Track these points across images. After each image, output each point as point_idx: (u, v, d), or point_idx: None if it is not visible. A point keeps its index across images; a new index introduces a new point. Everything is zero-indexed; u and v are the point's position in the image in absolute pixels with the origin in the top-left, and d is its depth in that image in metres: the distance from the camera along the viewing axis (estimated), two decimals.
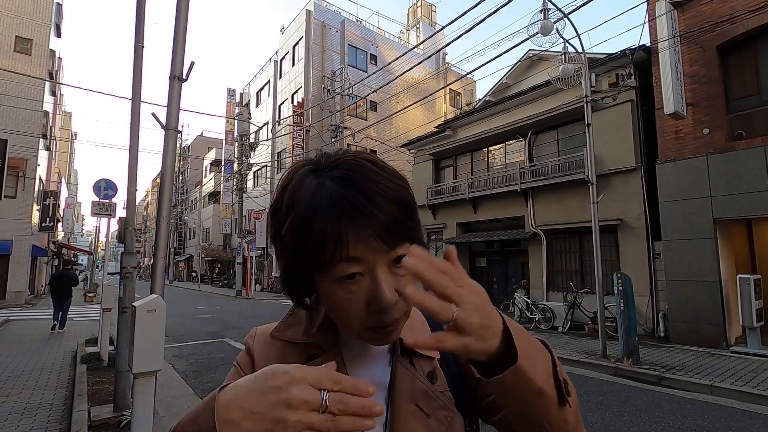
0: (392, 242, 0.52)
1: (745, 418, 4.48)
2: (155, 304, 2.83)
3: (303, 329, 0.63)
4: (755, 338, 7.10)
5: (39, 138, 18.08)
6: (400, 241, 0.53)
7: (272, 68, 27.96)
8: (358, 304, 0.52)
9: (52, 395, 5.14)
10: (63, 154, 33.16)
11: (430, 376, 0.62)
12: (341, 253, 0.50)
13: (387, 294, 0.51)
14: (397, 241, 0.53)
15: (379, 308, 0.51)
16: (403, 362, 0.61)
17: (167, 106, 3.59)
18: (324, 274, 0.53)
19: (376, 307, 0.51)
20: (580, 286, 10.33)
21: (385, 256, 0.52)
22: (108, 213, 7.78)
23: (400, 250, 0.53)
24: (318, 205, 0.51)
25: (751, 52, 8.11)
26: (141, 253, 56.87)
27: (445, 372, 0.64)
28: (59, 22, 21.23)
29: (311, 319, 0.64)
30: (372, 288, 0.52)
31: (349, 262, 0.51)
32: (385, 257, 0.52)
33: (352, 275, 0.52)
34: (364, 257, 0.51)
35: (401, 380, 0.59)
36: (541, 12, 7.66)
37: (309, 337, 0.62)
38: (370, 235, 0.51)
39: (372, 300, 0.51)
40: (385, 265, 0.53)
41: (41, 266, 23.74)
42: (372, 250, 0.51)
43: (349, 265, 0.51)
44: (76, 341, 8.33)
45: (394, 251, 0.53)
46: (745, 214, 7.87)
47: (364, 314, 0.52)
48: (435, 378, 0.62)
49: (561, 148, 11.65)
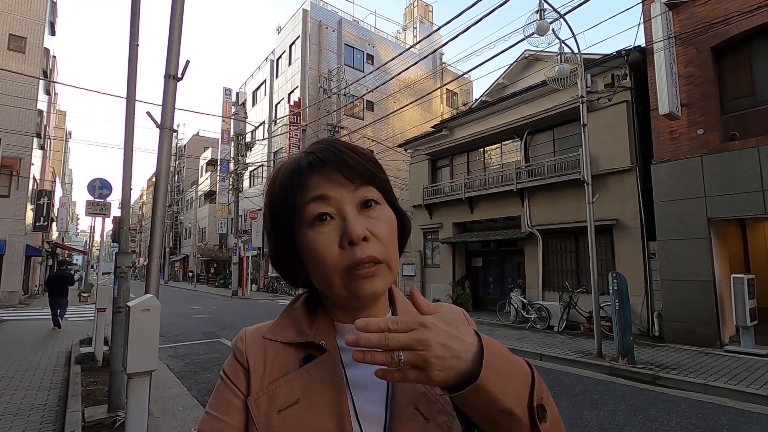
0: (355, 179, 0.56)
1: (738, 417, 4.51)
2: (150, 303, 2.82)
3: (298, 330, 0.62)
4: (749, 337, 7.15)
5: (33, 137, 17.92)
6: (365, 181, 0.57)
7: (268, 67, 27.89)
8: (331, 242, 0.54)
9: (46, 396, 5.10)
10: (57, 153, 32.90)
11: None
12: (305, 193, 0.55)
13: (355, 225, 0.53)
14: (360, 179, 0.56)
15: (350, 240, 0.53)
16: None
17: (162, 104, 3.57)
18: (299, 226, 0.57)
19: (348, 239, 0.53)
20: (576, 286, 10.38)
21: (352, 195, 0.56)
22: (103, 212, 7.73)
23: (367, 193, 0.57)
24: (285, 168, 0.59)
25: (745, 54, 8.17)
26: (136, 252, 56.57)
27: None
28: (54, 20, 21.06)
29: (308, 317, 0.63)
30: (342, 225, 0.54)
31: (316, 201, 0.55)
32: (352, 196, 0.56)
33: (322, 216, 0.55)
34: (328, 194, 0.55)
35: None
36: (537, 12, 7.69)
37: (304, 337, 0.60)
38: (331, 171, 0.55)
39: (343, 235, 0.54)
40: (353, 206, 0.56)
41: (35, 266, 23.55)
42: (335, 186, 0.55)
43: (317, 204, 0.55)
44: (70, 341, 8.28)
45: (360, 191, 0.56)
46: (739, 214, 7.93)
47: (338, 252, 0.54)
48: None
49: (557, 149, 11.69)
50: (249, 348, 0.62)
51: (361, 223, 0.54)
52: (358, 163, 0.56)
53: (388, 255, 0.56)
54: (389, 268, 0.56)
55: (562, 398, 5.11)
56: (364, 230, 0.54)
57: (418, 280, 15.49)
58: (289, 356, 0.60)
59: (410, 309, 0.66)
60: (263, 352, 0.61)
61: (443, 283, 14.53)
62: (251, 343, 0.62)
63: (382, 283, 0.56)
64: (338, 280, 0.54)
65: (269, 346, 0.61)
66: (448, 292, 14.07)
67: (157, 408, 4.59)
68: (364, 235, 0.53)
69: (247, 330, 0.65)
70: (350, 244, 0.53)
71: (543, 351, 7.54)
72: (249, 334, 0.64)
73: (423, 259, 15.62)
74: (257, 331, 0.64)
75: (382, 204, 0.59)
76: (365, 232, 0.54)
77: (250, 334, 0.64)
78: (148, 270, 3.30)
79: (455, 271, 14.47)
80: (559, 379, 6.05)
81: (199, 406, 4.79)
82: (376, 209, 0.57)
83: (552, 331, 9.78)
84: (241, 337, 0.64)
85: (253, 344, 0.62)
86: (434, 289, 14.87)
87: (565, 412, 4.61)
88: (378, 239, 0.55)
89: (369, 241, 0.54)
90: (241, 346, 0.63)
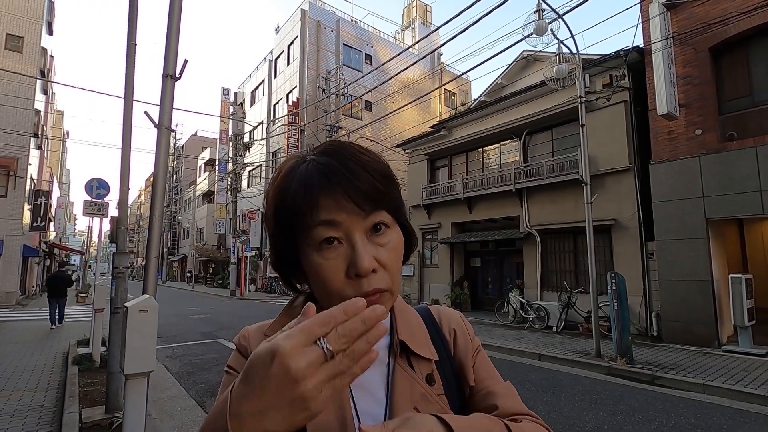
0: (366, 206, 0.53)
1: (736, 417, 4.52)
2: (147, 304, 2.80)
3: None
4: (747, 337, 7.17)
5: (30, 137, 17.85)
6: (376, 207, 0.55)
7: (267, 67, 27.85)
8: (336, 270, 0.52)
9: (43, 397, 5.07)
10: (55, 153, 32.80)
11: (429, 379, 0.61)
12: (315, 215, 0.53)
13: (364, 258, 0.51)
14: (371, 206, 0.54)
15: (358, 273, 0.51)
16: (402, 364, 0.60)
17: (160, 104, 3.56)
18: (306, 243, 0.54)
19: (355, 271, 0.52)
20: (575, 286, 10.38)
21: (362, 222, 0.54)
22: (100, 213, 7.70)
23: (377, 218, 0.55)
24: (293, 176, 0.55)
25: (743, 54, 8.19)
26: (134, 253, 56.45)
27: (441, 375, 0.63)
28: (51, 19, 20.99)
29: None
30: (349, 254, 0.52)
31: (325, 226, 0.53)
32: (362, 223, 0.54)
33: (330, 240, 0.53)
34: (338, 220, 0.53)
35: (400, 382, 0.59)
36: (536, 12, 7.69)
37: None
38: (342, 198, 0.52)
39: (350, 265, 0.52)
40: (362, 232, 0.54)
41: (32, 266, 23.47)
42: (346, 213, 0.53)
43: (325, 229, 0.53)
44: (67, 342, 8.25)
45: (370, 218, 0.54)
46: (737, 214, 7.94)
47: (343, 281, 0.52)
48: (433, 381, 0.61)
49: (555, 149, 11.70)
50: (252, 345, 0.62)
51: (370, 253, 0.53)
52: (370, 186, 0.54)
53: (393, 282, 0.55)
54: (392, 292, 0.56)
55: (561, 398, 5.11)
56: (373, 262, 0.52)
57: (416, 281, 15.49)
58: None
59: (407, 311, 0.67)
60: None
61: (442, 283, 14.53)
62: (254, 341, 0.62)
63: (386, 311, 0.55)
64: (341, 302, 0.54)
65: None
66: (447, 293, 14.07)
67: (154, 409, 4.58)
68: (372, 267, 0.52)
69: (249, 328, 0.66)
70: (357, 276, 0.52)
71: (541, 351, 7.54)
72: (251, 332, 0.65)
73: (422, 260, 15.62)
74: (259, 330, 0.64)
75: (392, 227, 0.58)
76: (373, 264, 0.52)
77: (253, 332, 0.65)
78: (146, 270, 3.28)
79: (454, 271, 14.48)
80: (558, 379, 6.06)
81: (197, 406, 4.78)
82: (386, 234, 0.56)
83: (551, 331, 9.78)
84: (244, 335, 0.65)
85: (256, 341, 0.62)
86: (433, 289, 14.87)
87: (564, 412, 4.61)
88: (385, 268, 0.54)
89: (376, 273, 0.53)
90: (245, 342, 0.63)
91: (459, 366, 0.66)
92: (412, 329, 0.64)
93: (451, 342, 0.68)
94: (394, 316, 0.65)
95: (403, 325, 0.64)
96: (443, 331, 0.69)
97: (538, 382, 5.89)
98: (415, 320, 0.67)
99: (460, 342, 0.69)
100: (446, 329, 0.69)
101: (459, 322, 0.71)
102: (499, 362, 7.13)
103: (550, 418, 4.39)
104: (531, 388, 5.57)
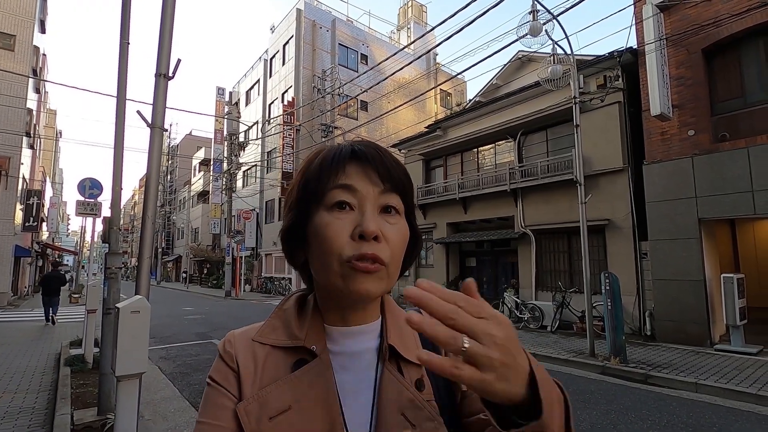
0: (386, 183, 0.57)
1: (728, 415, 4.55)
2: (139, 305, 2.78)
3: (288, 332, 0.61)
4: (738, 336, 7.23)
5: (22, 136, 17.67)
6: (393, 188, 0.58)
7: (262, 67, 27.77)
8: (342, 229, 0.54)
9: (34, 399, 5.02)
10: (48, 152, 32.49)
11: (418, 384, 0.60)
12: (336, 179, 0.56)
13: (371, 220, 0.54)
14: (391, 185, 0.58)
15: (362, 233, 0.53)
16: (390, 368, 0.59)
17: (153, 104, 3.53)
18: (319, 206, 0.57)
19: (360, 231, 0.53)
20: (569, 286, 10.43)
21: (377, 196, 0.57)
22: (93, 212, 7.63)
23: (391, 200, 0.58)
24: (327, 151, 0.60)
25: (735, 55, 8.26)
26: (128, 253, 56.06)
27: (432, 379, 0.62)
28: (44, 17, 20.79)
29: (298, 319, 0.62)
30: (358, 219, 0.55)
31: (342, 189, 0.56)
32: (377, 198, 0.57)
33: (343, 205, 0.56)
34: (356, 187, 0.56)
35: (388, 387, 0.57)
36: (530, 13, 7.71)
37: (295, 341, 0.59)
38: (369, 167, 0.57)
39: (356, 227, 0.54)
40: (375, 205, 0.56)
41: (24, 267, 23.25)
42: (365, 182, 0.56)
43: (341, 192, 0.56)
44: (60, 343, 8.17)
45: (385, 196, 0.57)
46: (729, 214, 8.01)
47: (346, 241, 0.54)
48: (423, 386, 0.60)
49: (550, 149, 11.75)
50: (239, 351, 0.60)
51: (378, 222, 0.55)
52: (395, 170, 0.58)
53: (392, 261, 0.55)
54: (389, 274, 0.56)
55: None
56: (378, 230, 0.54)
57: (412, 280, 15.36)
58: (279, 360, 0.59)
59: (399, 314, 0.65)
60: (253, 355, 0.60)
61: (437, 284, 14.53)
62: (240, 347, 0.61)
63: (377, 286, 0.55)
64: (337, 266, 0.54)
65: (258, 349, 0.60)
66: None
67: (148, 410, 4.55)
68: (377, 233, 0.54)
69: (234, 333, 0.64)
70: (361, 237, 0.53)
71: (536, 350, 7.57)
72: (237, 337, 0.63)
73: (417, 259, 15.61)
74: (245, 334, 0.63)
75: (402, 216, 0.59)
76: (379, 231, 0.54)
77: (238, 337, 0.63)
78: (138, 271, 3.26)
79: (449, 271, 14.50)
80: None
81: (191, 408, 4.75)
82: (395, 217, 0.58)
83: (545, 331, 9.82)
84: (230, 340, 0.63)
85: (243, 347, 0.61)
86: None
87: None
88: (388, 243, 0.55)
89: (379, 242, 0.54)
90: (230, 349, 0.61)
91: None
92: (403, 332, 0.63)
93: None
94: (384, 318, 0.64)
95: (393, 327, 0.63)
96: None
97: None
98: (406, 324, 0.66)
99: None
100: None
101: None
102: None
103: None
104: None
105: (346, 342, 0.60)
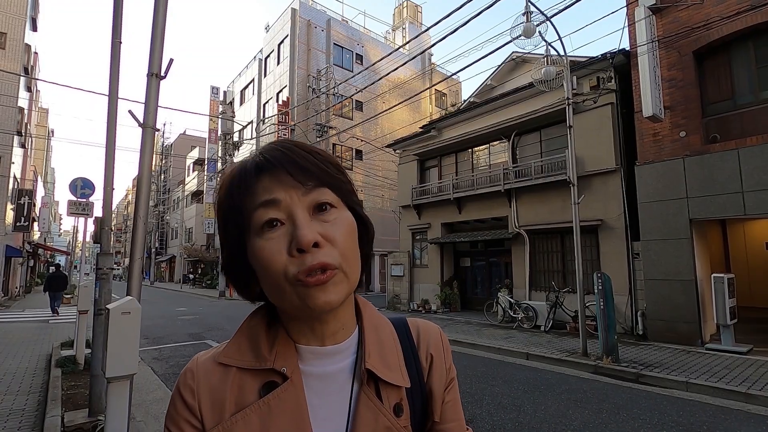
0: (307, 180, 0.52)
1: (718, 414, 4.60)
2: (130, 306, 2.76)
3: (255, 353, 0.55)
4: (729, 335, 7.32)
5: (13, 135, 17.48)
6: (318, 183, 0.52)
7: (257, 67, 27.66)
8: (278, 249, 0.49)
9: (25, 400, 4.97)
10: (39, 151, 32.18)
11: (397, 409, 0.56)
12: (252, 200, 0.52)
13: (305, 229, 0.49)
14: (314, 181, 0.52)
15: (299, 247, 0.48)
16: (368, 392, 0.55)
17: (145, 103, 3.50)
18: (249, 233, 0.52)
19: (296, 245, 0.48)
20: (562, 286, 10.49)
21: (303, 198, 0.52)
22: (85, 212, 7.56)
23: (320, 196, 0.52)
24: (232, 172, 0.55)
25: (725, 58, 8.35)
26: (121, 253, 55.64)
27: (410, 403, 0.58)
28: (35, 15, 20.58)
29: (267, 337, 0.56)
30: (291, 231, 0.50)
31: (265, 207, 0.51)
32: (304, 200, 0.52)
33: (272, 223, 0.51)
34: (278, 198, 0.51)
35: (364, 414, 0.53)
36: (524, 15, 7.75)
37: (263, 363, 0.54)
38: (280, 172, 0.51)
39: (292, 241, 0.49)
40: (305, 209, 0.51)
41: (15, 267, 22.98)
42: (285, 189, 0.51)
43: (265, 210, 0.51)
44: (51, 344, 8.09)
45: (312, 194, 0.52)
46: (720, 215, 8.09)
47: (286, 260, 0.49)
48: (401, 411, 0.56)
49: (543, 150, 11.80)
50: (202, 387, 0.54)
51: (313, 228, 0.50)
52: (309, 163, 0.53)
53: (345, 261, 0.51)
54: (346, 274, 0.51)
55: (548, 397, 5.16)
56: (316, 235, 0.49)
57: (406, 281, 15.51)
58: (246, 384, 0.54)
59: (380, 325, 0.62)
60: (218, 380, 0.54)
61: (431, 284, 14.58)
62: (204, 381, 0.55)
63: (336, 293, 0.50)
64: (288, 287, 0.49)
65: (226, 373, 0.54)
66: (437, 293, 14.11)
67: (139, 412, 4.52)
68: (315, 240, 0.49)
69: (198, 360, 0.57)
70: (299, 251, 0.48)
71: (529, 350, 7.60)
72: (201, 367, 0.56)
73: (411, 260, 15.64)
74: (210, 360, 0.57)
75: (340, 207, 0.54)
76: (317, 237, 0.49)
77: (202, 364, 0.56)
78: (130, 271, 3.24)
79: (443, 271, 14.53)
80: (545, 378, 6.11)
81: None
82: (331, 212, 0.53)
83: (539, 331, 9.87)
84: (192, 369, 0.56)
85: (206, 374, 0.55)
86: (422, 289, 14.91)
87: (550, 410, 4.66)
88: (332, 244, 0.50)
89: (321, 247, 0.49)
90: (192, 383, 0.55)
91: (428, 396, 0.61)
92: (384, 350, 0.58)
93: (426, 368, 0.62)
94: (363, 332, 0.59)
95: (373, 344, 0.58)
96: (420, 354, 0.63)
97: (526, 380, 5.94)
98: (388, 338, 0.61)
99: (436, 371, 0.63)
100: (423, 353, 0.63)
101: (438, 344, 0.65)
102: (488, 361, 7.18)
103: (537, 417, 4.44)
104: (518, 387, 5.61)
105: (317, 362, 0.55)
